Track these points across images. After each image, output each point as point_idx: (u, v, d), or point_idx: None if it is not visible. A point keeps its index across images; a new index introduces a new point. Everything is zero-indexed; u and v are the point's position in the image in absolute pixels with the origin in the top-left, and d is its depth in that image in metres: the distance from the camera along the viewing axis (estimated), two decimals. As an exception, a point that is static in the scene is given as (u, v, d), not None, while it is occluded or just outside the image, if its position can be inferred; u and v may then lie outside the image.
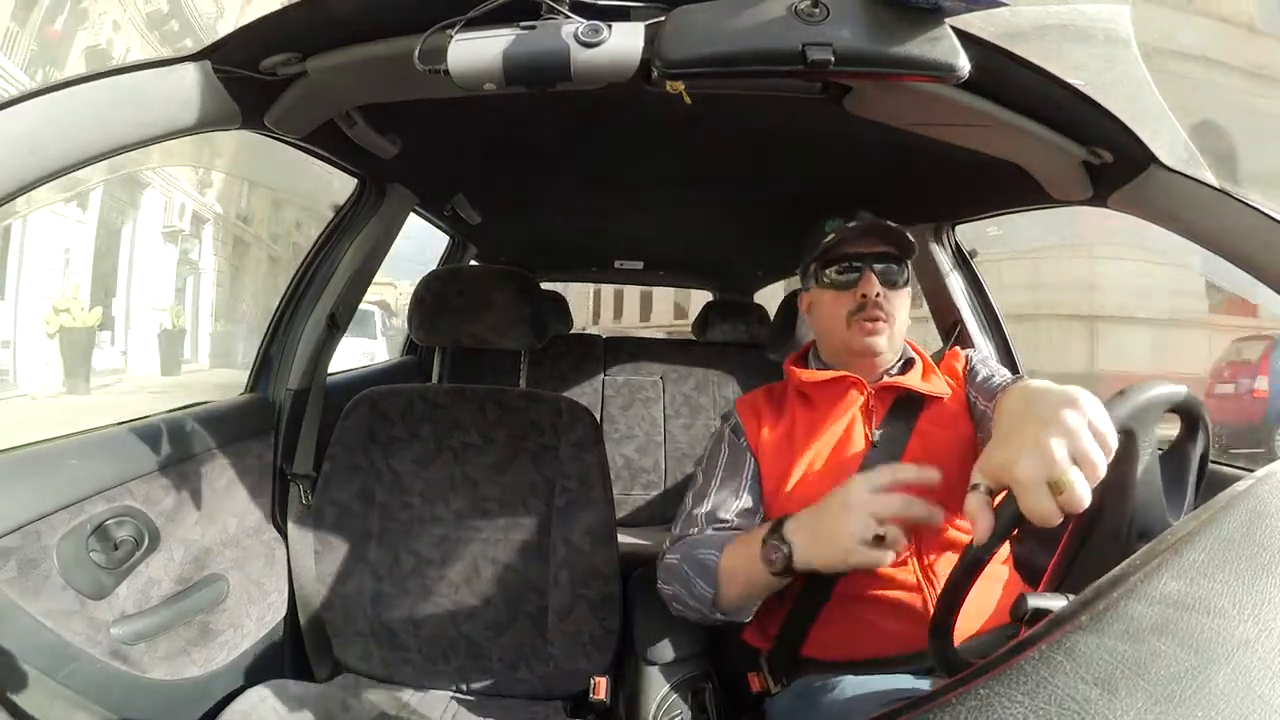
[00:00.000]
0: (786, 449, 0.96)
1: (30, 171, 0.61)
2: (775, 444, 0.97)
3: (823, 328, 1.01)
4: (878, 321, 0.93)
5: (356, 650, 1.13)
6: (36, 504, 0.79)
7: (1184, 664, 0.27)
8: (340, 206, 1.31)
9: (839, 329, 0.96)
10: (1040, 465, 0.53)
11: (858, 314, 0.94)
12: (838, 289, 0.96)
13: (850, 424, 0.95)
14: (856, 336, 0.94)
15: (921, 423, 0.94)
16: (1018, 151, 0.94)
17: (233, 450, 1.12)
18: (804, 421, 0.97)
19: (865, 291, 0.93)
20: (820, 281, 0.98)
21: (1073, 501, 0.52)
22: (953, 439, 0.92)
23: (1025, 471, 0.54)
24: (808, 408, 0.99)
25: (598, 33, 0.65)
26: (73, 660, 0.80)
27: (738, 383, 2.31)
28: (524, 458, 1.14)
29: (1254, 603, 0.31)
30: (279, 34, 0.75)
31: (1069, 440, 0.54)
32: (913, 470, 0.73)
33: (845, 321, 0.95)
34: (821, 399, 0.98)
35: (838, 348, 0.99)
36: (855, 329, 0.94)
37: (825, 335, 1.01)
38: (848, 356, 0.97)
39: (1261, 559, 0.34)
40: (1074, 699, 0.26)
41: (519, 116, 1.13)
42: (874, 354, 0.95)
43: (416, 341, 1.26)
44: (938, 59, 0.66)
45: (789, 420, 0.99)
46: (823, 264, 0.98)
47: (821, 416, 0.97)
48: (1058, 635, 0.29)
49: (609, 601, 1.10)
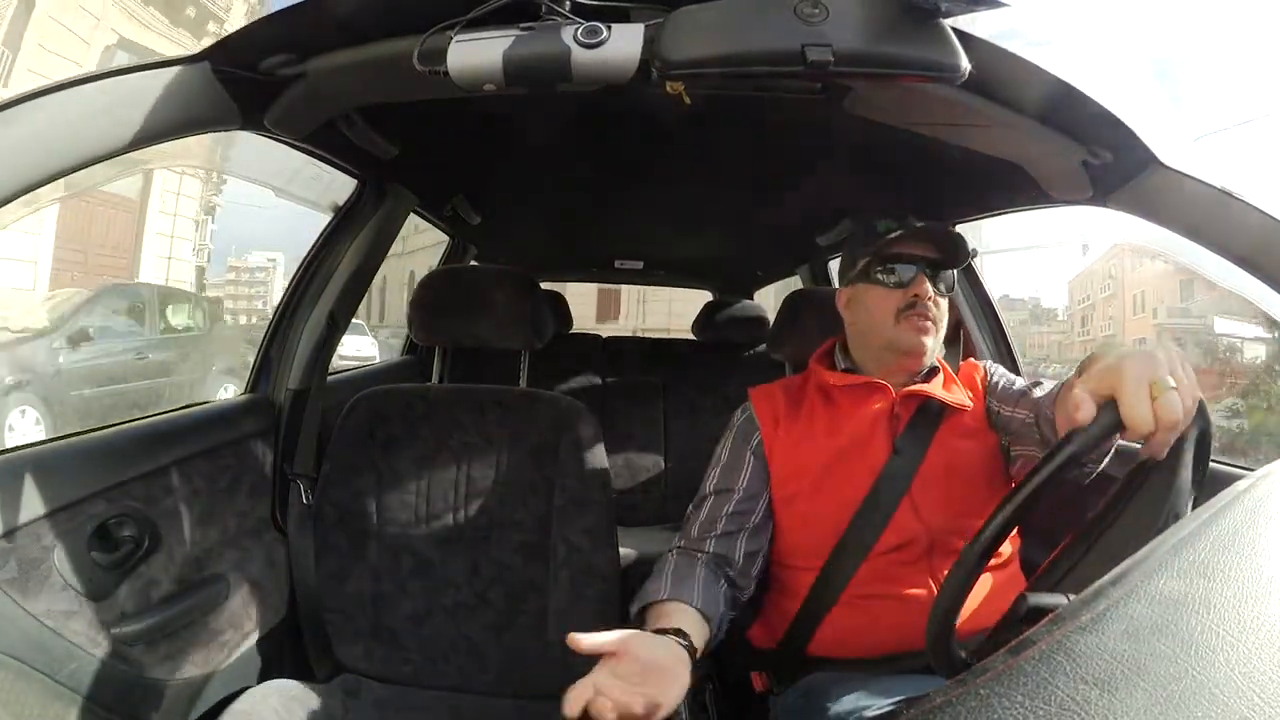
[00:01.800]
0: (802, 447, 0.95)
1: (31, 172, 0.61)
2: (792, 440, 0.96)
3: (866, 324, 0.98)
4: (928, 320, 0.92)
5: (356, 650, 1.13)
6: (36, 504, 0.79)
7: (1184, 664, 0.27)
8: (340, 207, 1.31)
9: (885, 325, 0.94)
10: (1146, 366, 0.57)
11: (908, 310, 0.92)
12: (888, 287, 0.94)
13: (872, 429, 0.94)
14: (906, 333, 0.92)
15: (942, 433, 0.94)
16: (1018, 151, 0.94)
17: (233, 450, 1.12)
18: (824, 420, 0.97)
19: (918, 291, 0.92)
20: (870, 278, 0.96)
21: (1169, 408, 0.55)
22: (973, 450, 0.93)
23: (1130, 369, 0.56)
24: (829, 407, 0.98)
25: (597, 34, 0.65)
26: (73, 660, 0.80)
27: (738, 382, 2.31)
28: (524, 458, 1.14)
29: (1254, 603, 0.31)
30: (278, 34, 0.75)
31: (1169, 362, 0.58)
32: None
33: (894, 317, 0.93)
34: (845, 400, 0.97)
35: (879, 345, 0.96)
36: (905, 325, 0.92)
37: (867, 332, 0.98)
38: (890, 354, 0.95)
39: (1261, 558, 0.34)
40: (1074, 699, 0.26)
41: (519, 117, 1.13)
42: (920, 353, 0.93)
43: (416, 341, 1.26)
44: (938, 59, 0.66)
45: (807, 417, 0.98)
46: (876, 260, 0.95)
47: (843, 418, 0.96)
48: (1058, 635, 0.29)
49: (609, 601, 1.10)
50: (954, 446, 0.93)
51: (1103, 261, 15.44)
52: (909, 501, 0.90)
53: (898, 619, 0.86)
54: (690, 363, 2.36)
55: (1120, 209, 0.93)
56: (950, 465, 0.92)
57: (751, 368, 2.30)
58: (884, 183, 1.33)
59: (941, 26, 0.66)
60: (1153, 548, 0.35)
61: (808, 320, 1.40)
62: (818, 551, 0.92)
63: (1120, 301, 14.79)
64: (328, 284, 1.26)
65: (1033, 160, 0.96)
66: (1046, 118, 0.85)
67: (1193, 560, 0.33)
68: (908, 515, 0.90)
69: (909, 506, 0.90)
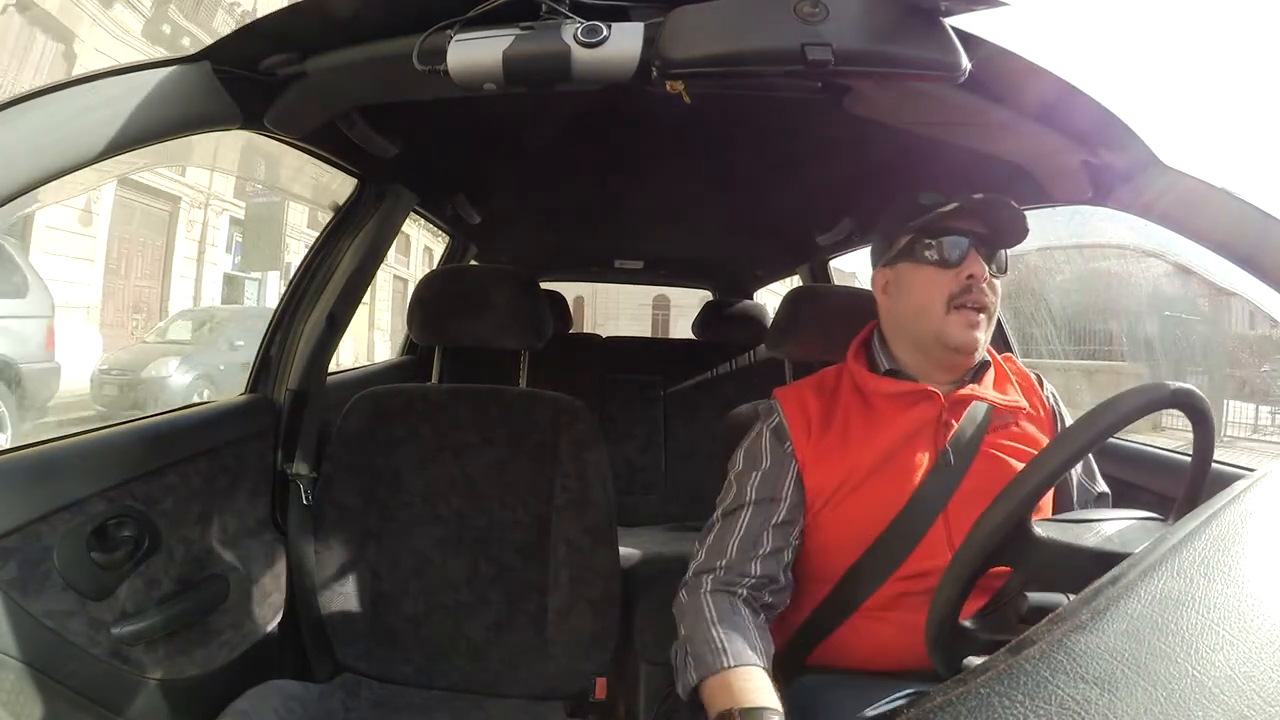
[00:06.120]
0: (838, 455, 0.85)
1: (31, 172, 0.61)
2: (825, 449, 0.86)
3: (909, 310, 0.87)
4: (981, 313, 0.82)
5: (356, 650, 1.13)
6: (36, 504, 0.79)
7: (1184, 663, 0.27)
8: (340, 206, 1.31)
9: (934, 315, 0.83)
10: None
11: (961, 297, 0.82)
12: (939, 266, 0.83)
13: (917, 436, 0.84)
14: (957, 328, 0.82)
15: (990, 439, 0.84)
16: (1018, 151, 0.94)
17: (233, 450, 1.12)
18: (861, 428, 0.86)
19: (973, 271, 0.81)
20: (915, 256, 0.85)
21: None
22: (1021, 457, 0.84)
23: None
24: (867, 413, 0.87)
25: (597, 33, 0.65)
26: (73, 660, 0.80)
27: (738, 382, 2.31)
28: (524, 457, 1.14)
29: (1254, 602, 0.31)
30: (278, 34, 0.75)
31: None
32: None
33: (944, 306, 0.82)
34: (886, 407, 0.87)
35: (925, 337, 0.85)
36: (956, 317, 0.82)
37: (911, 320, 0.87)
38: (937, 348, 0.85)
39: (1261, 558, 0.34)
40: (1074, 699, 0.26)
41: (519, 116, 1.13)
42: (971, 350, 0.84)
43: (416, 341, 1.26)
44: (938, 59, 0.66)
45: (842, 421, 0.88)
46: (922, 235, 0.84)
47: (885, 425, 0.86)
48: (1058, 635, 0.29)
49: (609, 601, 1.10)
50: (1000, 458, 0.83)
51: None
52: (943, 522, 0.82)
53: (907, 641, 0.78)
54: (690, 363, 2.36)
55: (1120, 208, 0.93)
56: (994, 479, 0.81)
57: (752, 367, 2.30)
58: (884, 183, 1.33)
59: (942, 26, 0.66)
60: (1152, 547, 0.35)
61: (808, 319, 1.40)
62: (836, 567, 0.85)
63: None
64: (327, 284, 1.26)
65: (1033, 160, 0.95)
66: (1046, 118, 0.84)
67: (1192, 560, 0.33)
68: (939, 539, 0.81)
69: (942, 528, 0.82)
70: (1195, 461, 0.67)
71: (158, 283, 8.84)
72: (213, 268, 9.50)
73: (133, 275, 8.19)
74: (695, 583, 0.84)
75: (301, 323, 1.25)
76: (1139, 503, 0.79)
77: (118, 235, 8.14)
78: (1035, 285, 3.83)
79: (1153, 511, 0.67)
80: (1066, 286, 5.14)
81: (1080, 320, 5.53)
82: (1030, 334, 3.53)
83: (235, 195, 9.57)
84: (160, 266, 8.87)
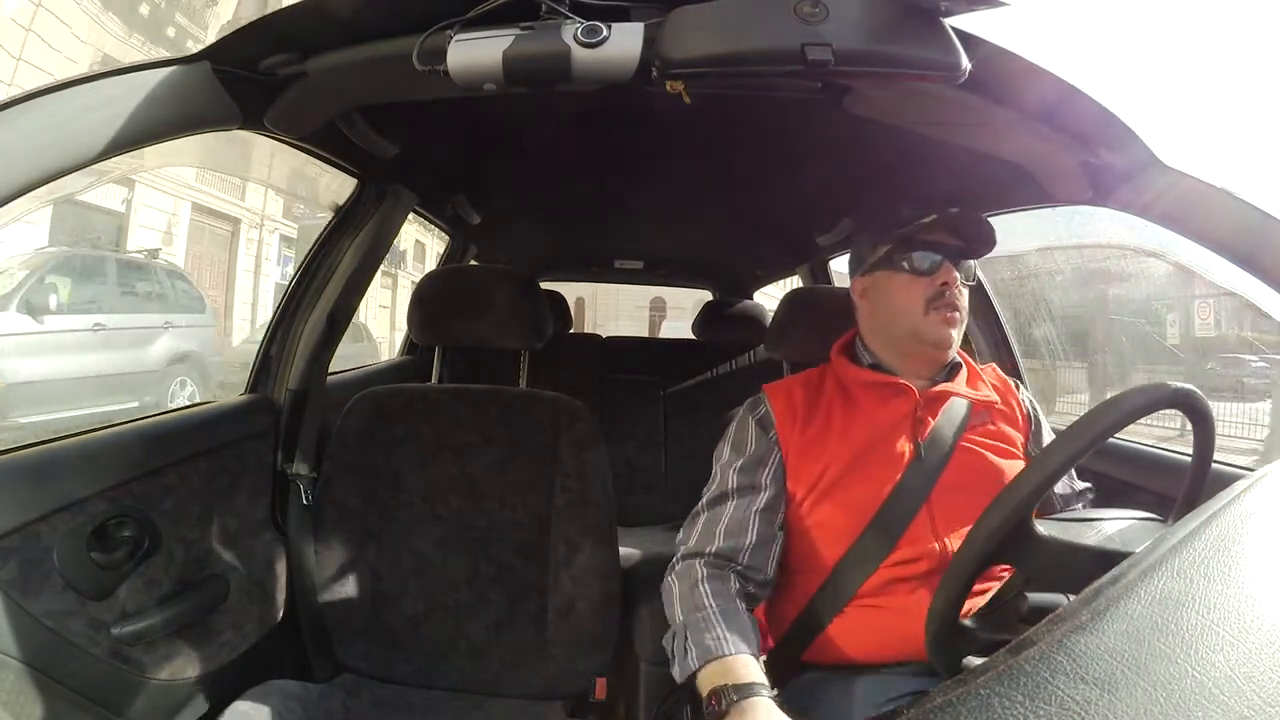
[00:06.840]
0: (820, 447, 0.91)
1: (31, 172, 0.61)
2: (808, 441, 0.92)
3: (890, 313, 0.94)
4: (955, 312, 0.90)
5: (356, 650, 1.13)
6: (36, 504, 0.79)
7: (1184, 664, 0.27)
8: (340, 206, 1.31)
9: (913, 315, 0.91)
10: None
11: (937, 301, 0.89)
12: (916, 274, 0.91)
13: (895, 430, 0.90)
14: (934, 326, 0.90)
15: (967, 437, 0.91)
16: (1018, 151, 0.94)
17: (233, 450, 1.12)
18: (842, 419, 0.93)
19: (947, 280, 0.89)
20: (894, 265, 0.92)
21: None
22: (1000, 454, 0.90)
23: None
24: (848, 404, 0.94)
25: (597, 33, 0.65)
26: (73, 660, 0.80)
27: (737, 382, 2.31)
28: (524, 457, 1.14)
29: (1254, 603, 0.31)
30: (278, 34, 0.75)
31: None
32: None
33: (923, 308, 0.90)
34: (866, 399, 0.93)
35: (904, 336, 0.93)
36: (934, 317, 0.89)
37: (891, 322, 0.94)
38: (914, 344, 0.92)
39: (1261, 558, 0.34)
40: (1074, 699, 0.26)
41: (519, 117, 1.13)
42: (946, 346, 0.91)
43: (416, 341, 1.26)
44: (938, 59, 0.66)
45: (824, 415, 0.94)
46: (901, 246, 0.92)
47: (864, 417, 0.92)
48: (1058, 635, 0.29)
49: (609, 601, 1.10)
50: (979, 453, 0.89)
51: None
52: (926, 513, 0.86)
53: (901, 630, 0.82)
54: (690, 363, 2.36)
55: (1120, 209, 0.93)
56: (973, 472, 0.88)
57: (751, 367, 2.30)
58: (884, 183, 1.33)
59: (942, 26, 0.66)
60: (1152, 547, 0.35)
61: (807, 320, 1.40)
62: (825, 559, 0.89)
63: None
64: (328, 284, 1.26)
65: (1033, 160, 0.95)
66: (1047, 118, 0.84)
67: (1192, 560, 0.33)
68: (923, 529, 0.86)
69: (926, 518, 0.86)
70: (1195, 462, 0.67)
71: (223, 292, 10.28)
72: (266, 279, 10.92)
73: (205, 286, 9.17)
74: (687, 567, 0.87)
75: (301, 323, 1.25)
76: (1139, 503, 0.79)
77: (192, 253, 9.52)
78: (1035, 287, 3.85)
79: (1152, 512, 0.67)
80: (1066, 285, 5.20)
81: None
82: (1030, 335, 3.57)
83: (284, 215, 11.07)
84: (225, 278, 10.38)
